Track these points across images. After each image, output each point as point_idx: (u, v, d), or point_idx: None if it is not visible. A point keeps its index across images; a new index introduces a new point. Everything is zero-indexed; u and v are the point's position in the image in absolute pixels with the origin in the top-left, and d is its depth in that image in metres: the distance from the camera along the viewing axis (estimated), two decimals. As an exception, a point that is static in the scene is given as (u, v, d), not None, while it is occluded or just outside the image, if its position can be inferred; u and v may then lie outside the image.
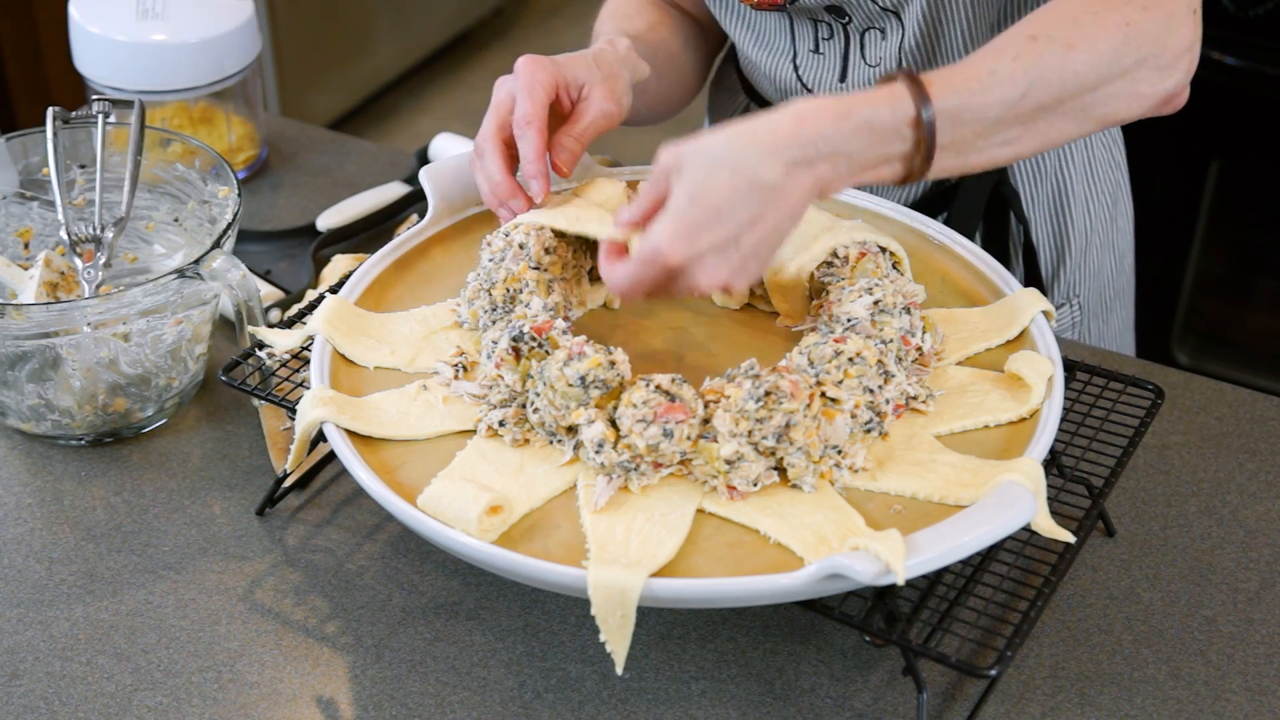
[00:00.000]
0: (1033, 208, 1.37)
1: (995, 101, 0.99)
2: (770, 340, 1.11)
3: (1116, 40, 1.02)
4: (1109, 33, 1.02)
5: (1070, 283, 1.41)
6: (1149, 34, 1.03)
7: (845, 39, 1.27)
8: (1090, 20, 1.02)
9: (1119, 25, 1.02)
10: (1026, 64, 1.00)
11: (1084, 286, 1.42)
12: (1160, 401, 1.08)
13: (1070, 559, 0.97)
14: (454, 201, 1.20)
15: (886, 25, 1.24)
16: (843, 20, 1.26)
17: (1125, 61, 1.02)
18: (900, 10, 1.22)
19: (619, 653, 0.89)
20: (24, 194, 1.29)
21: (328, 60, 3.40)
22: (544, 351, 1.01)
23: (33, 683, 1.00)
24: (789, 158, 0.94)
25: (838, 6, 1.24)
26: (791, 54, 1.31)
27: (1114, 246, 1.44)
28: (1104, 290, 1.45)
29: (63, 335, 1.12)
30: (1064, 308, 1.41)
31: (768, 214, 0.94)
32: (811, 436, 0.95)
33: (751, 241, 0.95)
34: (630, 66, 1.20)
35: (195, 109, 1.51)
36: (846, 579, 0.86)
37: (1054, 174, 1.36)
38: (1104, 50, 1.01)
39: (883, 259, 1.09)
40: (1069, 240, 1.39)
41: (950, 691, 0.98)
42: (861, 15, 1.24)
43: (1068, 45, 1.01)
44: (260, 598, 1.06)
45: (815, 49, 1.30)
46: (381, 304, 1.13)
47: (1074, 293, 1.42)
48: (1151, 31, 1.03)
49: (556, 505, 0.96)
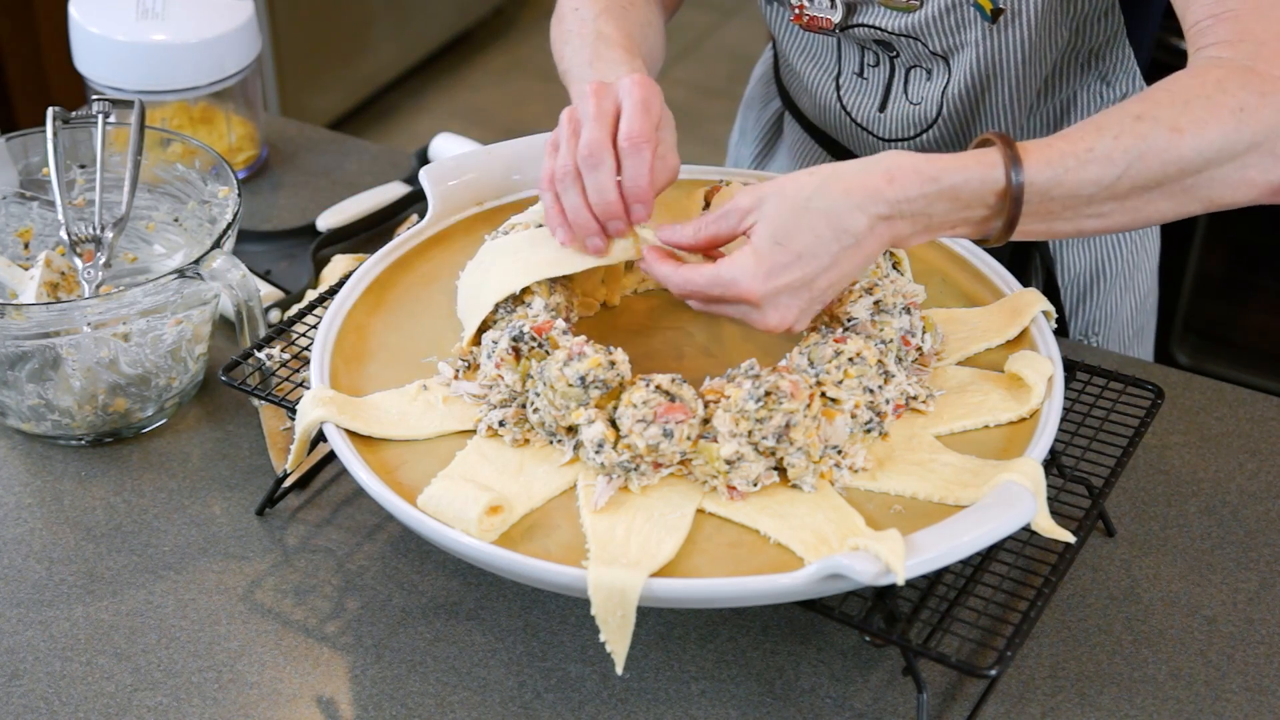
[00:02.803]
0: (1060, 247, 1.35)
1: (1090, 180, 0.96)
2: (770, 340, 1.11)
3: (1229, 127, 0.96)
4: (1221, 119, 0.96)
5: (1089, 322, 1.40)
6: (1266, 121, 0.97)
7: (890, 71, 1.27)
8: (1202, 104, 0.97)
9: (1233, 111, 0.97)
10: (1128, 143, 0.96)
11: (1103, 326, 1.41)
12: (1160, 401, 1.08)
13: (1070, 559, 0.97)
14: (454, 201, 1.20)
15: (934, 68, 1.24)
16: (890, 54, 1.25)
17: (1236, 148, 0.97)
18: (949, 57, 1.22)
19: (619, 653, 0.89)
20: (24, 194, 1.29)
21: (328, 60, 3.40)
22: (544, 351, 1.01)
23: (33, 683, 1.00)
24: (875, 212, 0.95)
25: (886, 42, 1.24)
26: (836, 72, 1.31)
27: (1136, 286, 1.42)
28: (1123, 330, 1.43)
29: (63, 335, 1.12)
30: (1079, 343, 1.40)
31: (844, 262, 0.96)
32: (811, 436, 0.95)
33: (823, 285, 0.96)
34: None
35: (195, 109, 1.51)
36: (846, 579, 0.86)
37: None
38: (1213, 137, 0.96)
39: (883, 259, 1.09)
40: (1094, 280, 1.38)
41: (950, 691, 0.98)
42: (910, 54, 1.24)
43: (1174, 129, 0.96)
44: (260, 598, 1.06)
45: (860, 73, 1.29)
46: (381, 304, 1.13)
47: (1093, 331, 1.40)
48: (1269, 119, 0.97)
49: (556, 505, 0.96)
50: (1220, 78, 0.98)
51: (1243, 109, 0.96)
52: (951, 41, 1.21)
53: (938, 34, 1.21)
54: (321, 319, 1.10)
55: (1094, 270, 1.38)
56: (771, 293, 0.95)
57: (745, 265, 0.95)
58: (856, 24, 1.23)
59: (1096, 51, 1.25)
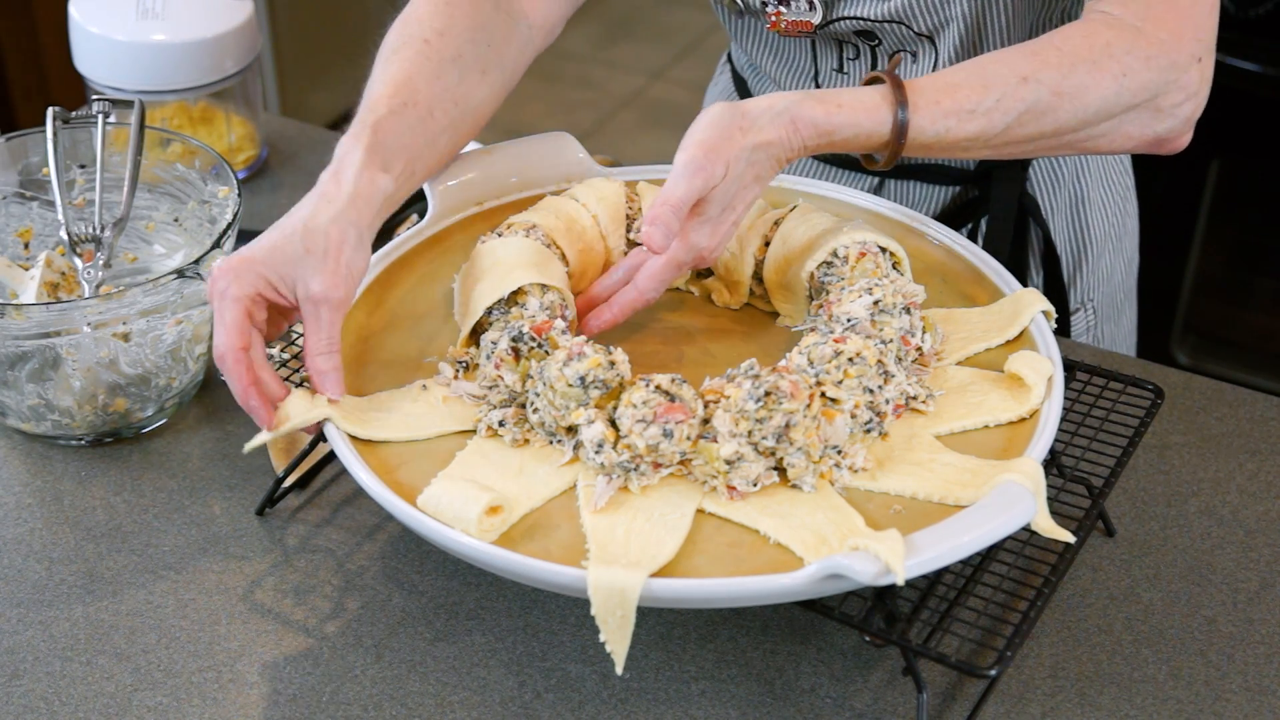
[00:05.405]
0: (1051, 215, 1.36)
1: (970, 135, 1.04)
2: (770, 340, 1.11)
3: (1109, 92, 1.02)
4: (1102, 84, 1.02)
5: (1085, 287, 1.41)
6: (1146, 84, 1.03)
7: (872, 60, 1.27)
8: (1086, 69, 1.02)
9: (1115, 76, 1.02)
10: (1009, 104, 1.03)
11: (1097, 291, 1.42)
12: (1160, 401, 1.08)
13: (1070, 559, 0.97)
14: (454, 201, 1.20)
15: (919, 49, 1.24)
16: (871, 43, 1.25)
17: (1113, 110, 1.03)
18: (935, 36, 1.22)
19: (619, 653, 0.89)
20: (24, 194, 1.29)
21: (328, 60, 3.40)
22: (544, 351, 1.01)
23: (33, 683, 1.00)
24: (777, 156, 1.03)
25: (869, 31, 1.23)
26: (813, 73, 1.31)
27: (1123, 250, 1.44)
28: (1115, 294, 1.45)
29: (63, 335, 1.12)
30: (1079, 312, 1.41)
31: (745, 194, 1.06)
32: (811, 436, 0.95)
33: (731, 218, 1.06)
34: (372, 205, 1.05)
35: (195, 109, 1.51)
36: (846, 579, 0.86)
37: (1071, 181, 1.36)
38: (1093, 101, 1.03)
39: (883, 259, 1.09)
40: (1085, 246, 1.39)
41: (950, 691, 0.98)
42: (893, 40, 1.24)
43: (1056, 93, 1.02)
44: (260, 598, 1.06)
45: (840, 69, 1.29)
46: (381, 304, 1.13)
47: (1088, 297, 1.41)
48: (1149, 82, 1.03)
49: (556, 505, 0.96)
50: (1109, 40, 1.04)
51: (1125, 74, 1.03)
52: (937, 19, 1.21)
53: (923, 13, 1.21)
54: (321, 319, 1.10)
55: (1085, 235, 1.39)
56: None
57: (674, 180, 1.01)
58: (837, 18, 1.23)
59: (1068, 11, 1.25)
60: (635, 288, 1.07)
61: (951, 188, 1.34)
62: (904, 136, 1.03)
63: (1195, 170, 2.29)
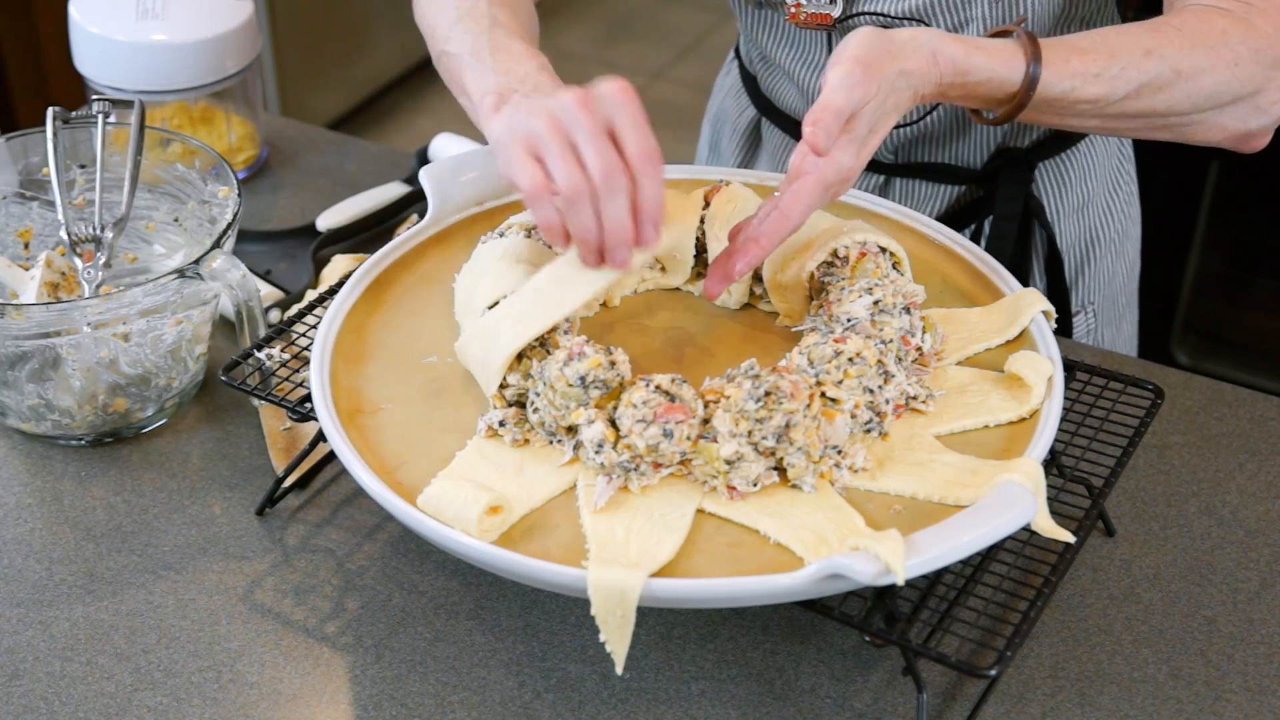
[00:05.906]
0: (1057, 218, 1.36)
1: (1090, 98, 1.05)
2: (770, 340, 1.11)
3: (1221, 78, 1.04)
4: (1217, 69, 1.04)
5: (1087, 290, 1.41)
6: (1252, 77, 1.05)
7: None
8: (1204, 52, 1.04)
9: (1229, 64, 1.04)
10: (1132, 74, 1.04)
11: (1098, 294, 1.42)
12: (1160, 401, 1.08)
13: (1070, 559, 0.97)
14: (454, 201, 1.20)
15: None
16: None
17: (1222, 99, 1.05)
18: (962, 30, 1.22)
19: (619, 653, 0.89)
20: (24, 194, 1.29)
21: (328, 60, 3.40)
22: (544, 351, 1.01)
23: (33, 683, 1.00)
24: (919, 90, 1.03)
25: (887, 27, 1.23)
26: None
27: (1125, 254, 1.44)
28: (1116, 297, 1.45)
29: (63, 335, 1.12)
30: (1079, 315, 1.41)
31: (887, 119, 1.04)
32: (811, 436, 0.95)
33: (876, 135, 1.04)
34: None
35: (195, 109, 1.51)
36: (846, 579, 0.86)
37: (1079, 185, 1.36)
38: (1205, 85, 1.04)
39: (883, 259, 1.09)
40: (1088, 249, 1.39)
41: (950, 691, 0.98)
42: None
43: (1176, 71, 1.04)
44: (260, 598, 1.06)
45: None
46: (381, 304, 1.13)
47: (1089, 300, 1.41)
48: (1255, 75, 1.05)
49: (556, 505, 0.96)
50: (1225, 28, 1.05)
51: (1237, 63, 1.04)
52: (957, 19, 1.21)
53: (944, 12, 1.21)
54: (321, 319, 1.10)
55: (1088, 238, 1.39)
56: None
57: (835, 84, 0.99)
58: (857, 13, 1.23)
59: (1088, 20, 1.26)
60: (780, 212, 1.01)
61: (957, 187, 1.34)
62: (1033, 89, 1.03)
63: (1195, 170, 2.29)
